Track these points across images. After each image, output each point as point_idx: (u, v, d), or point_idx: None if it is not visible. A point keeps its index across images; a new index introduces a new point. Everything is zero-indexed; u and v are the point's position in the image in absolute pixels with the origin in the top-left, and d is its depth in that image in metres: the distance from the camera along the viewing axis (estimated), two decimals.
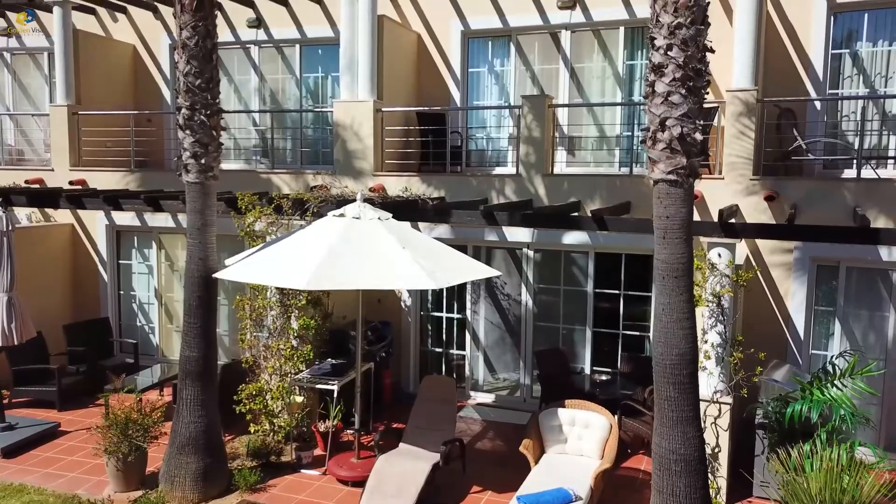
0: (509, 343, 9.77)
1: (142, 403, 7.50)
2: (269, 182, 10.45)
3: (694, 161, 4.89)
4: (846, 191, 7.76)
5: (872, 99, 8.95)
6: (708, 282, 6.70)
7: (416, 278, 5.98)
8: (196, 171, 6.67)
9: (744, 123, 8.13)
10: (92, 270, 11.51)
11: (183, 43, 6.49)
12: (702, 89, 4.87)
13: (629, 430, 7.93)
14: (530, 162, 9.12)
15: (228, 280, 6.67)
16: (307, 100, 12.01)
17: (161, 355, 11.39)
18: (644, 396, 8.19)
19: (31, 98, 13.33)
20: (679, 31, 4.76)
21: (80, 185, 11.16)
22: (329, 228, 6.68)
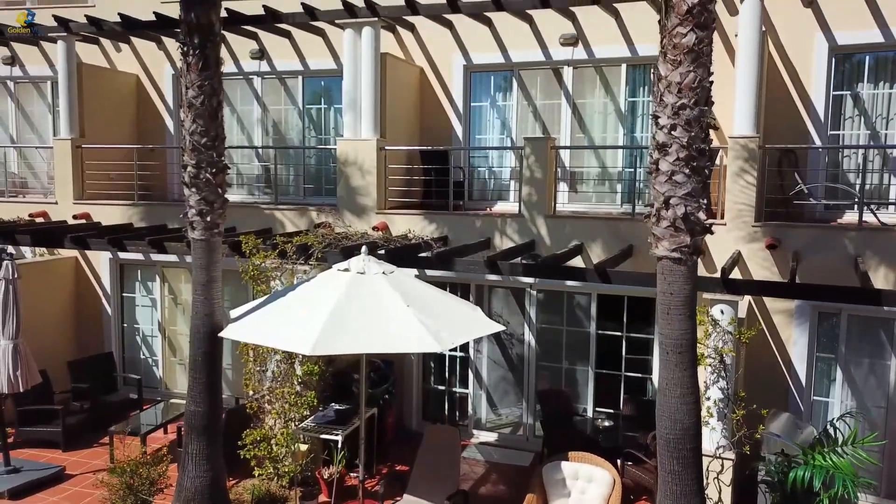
0: (512, 382, 9.82)
1: (147, 455, 7.53)
2: (272, 217, 10.49)
3: (698, 239, 4.93)
4: (847, 239, 7.80)
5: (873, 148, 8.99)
6: (710, 338, 6.75)
7: (421, 341, 6.01)
8: (202, 228, 6.71)
9: (745, 170, 8.17)
10: (95, 303, 11.55)
11: (189, 102, 6.53)
12: (705, 168, 4.91)
13: (632, 478, 7.97)
14: (532, 202, 9.16)
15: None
16: (310, 130, 12.06)
17: (164, 388, 11.44)
18: (647, 442, 8.22)
19: (35, 126, 13.38)
20: (683, 112, 4.80)
21: (84, 219, 11.22)
22: (334, 284, 6.71)
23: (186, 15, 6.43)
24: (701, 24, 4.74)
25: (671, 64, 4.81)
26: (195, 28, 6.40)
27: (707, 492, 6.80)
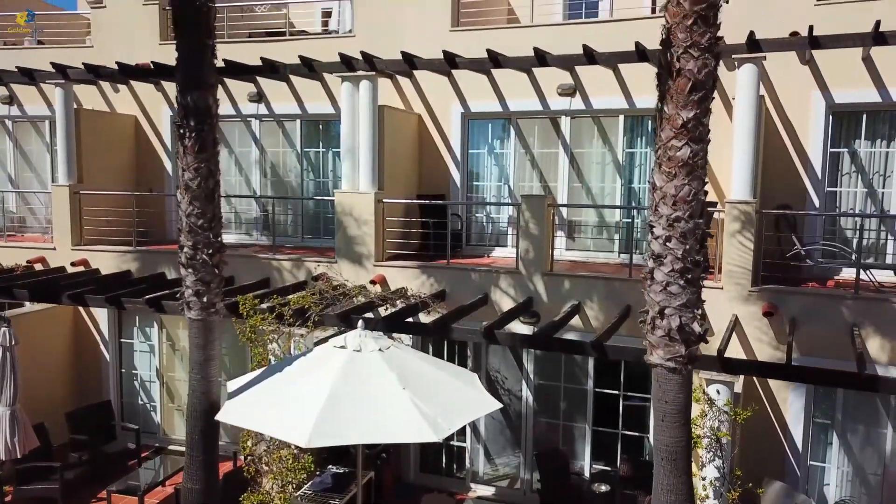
0: (509, 437, 9.83)
1: None
2: (269, 266, 10.49)
3: (693, 349, 4.94)
4: (844, 307, 7.81)
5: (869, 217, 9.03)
6: (706, 418, 6.76)
7: (419, 431, 6.01)
8: (198, 308, 6.72)
9: (742, 233, 8.17)
10: (94, 348, 11.57)
11: (185, 184, 6.53)
12: (699, 280, 4.92)
13: None
14: (529, 259, 9.15)
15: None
16: (308, 172, 12.07)
17: (163, 434, 11.46)
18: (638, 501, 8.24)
19: (33, 166, 13.39)
20: (678, 224, 4.80)
21: (82, 266, 11.22)
22: (330, 363, 6.71)
23: (183, 98, 6.42)
24: (696, 137, 4.74)
25: (666, 176, 4.81)
26: (192, 111, 6.39)
27: None
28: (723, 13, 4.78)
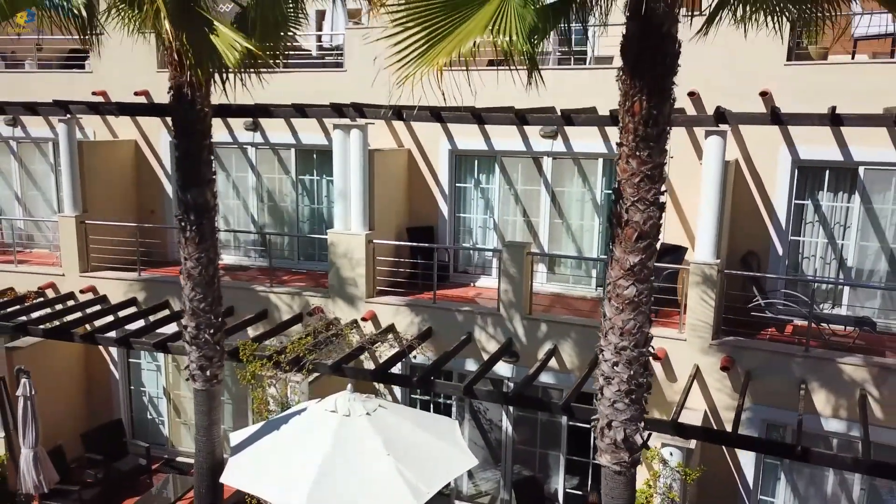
0: (491, 462, 10.66)
1: None
2: (267, 300, 11.13)
3: (637, 456, 5.65)
4: (794, 365, 8.51)
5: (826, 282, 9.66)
6: (660, 479, 7.55)
7: (402, 498, 6.82)
8: (202, 380, 7.43)
9: (705, 291, 8.81)
10: (104, 368, 12.33)
11: (188, 273, 7.15)
12: (643, 398, 5.59)
13: None
14: (510, 301, 9.81)
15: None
16: (303, 197, 12.60)
17: (171, 446, 12.31)
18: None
19: (38, 184, 13.90)
20: (624, 352, 5.45)
21: (91, 292, 11.87)
22: (322, 429, 7.47)
23: (183, 194, 6.99)
24: (641, 279, 5.35)
25: (615, 309, 5.44)
26: (192, 207, 6.97)
27: None
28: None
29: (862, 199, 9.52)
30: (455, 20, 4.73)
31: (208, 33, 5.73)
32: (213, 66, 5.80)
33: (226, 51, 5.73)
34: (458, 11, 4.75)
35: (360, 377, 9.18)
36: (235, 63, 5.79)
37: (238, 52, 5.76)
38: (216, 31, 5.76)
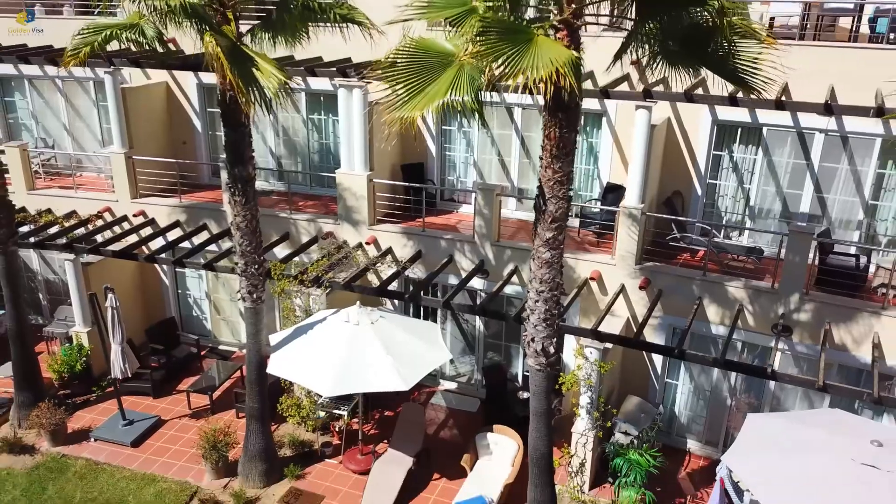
0: (467, 351, 13.69)
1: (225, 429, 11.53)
2: (288, 222, 13.71)
3: (552, 359, 8.46)
4: (694, 286, 11.24)
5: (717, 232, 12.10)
6: (583, 369, 10.48)
7: (396, 384, 9.79)
8: (250, 301, 10.19)
9: (632, 229, 11.38)
10: (156, 275, 15.12)
11: (237, 225, 9.71)
12: (556, 322, 8.32)
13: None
14: (483, 232, 12.41)
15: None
16: (312, 133, 14.88)
17: (213, 337, 15.33)
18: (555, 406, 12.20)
19: (83, 117, 16.09)
20: (542, 294, 8.12)
21: (142, 216, 14.44)
22: (338, 332, 10.35)
23: (231, 169, 9.41)
24: (554, 246, 7.91)
25: (537, 267, 8.05)
26: (238, 179, 9.42)
27: (579, 457, 10.90)
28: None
29: (764, 152, 11.87)
30: (426, 81, 7.00)
31: (252, 67, 7.93)
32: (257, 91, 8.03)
33: (266, 81, 7.96)
34: (427, 75, 7.01)
35: (366, 293, 11.95)
36: (274, 90, 8.03)
37: (276, 81, 7.98)
38: (258, 66, 7.97)
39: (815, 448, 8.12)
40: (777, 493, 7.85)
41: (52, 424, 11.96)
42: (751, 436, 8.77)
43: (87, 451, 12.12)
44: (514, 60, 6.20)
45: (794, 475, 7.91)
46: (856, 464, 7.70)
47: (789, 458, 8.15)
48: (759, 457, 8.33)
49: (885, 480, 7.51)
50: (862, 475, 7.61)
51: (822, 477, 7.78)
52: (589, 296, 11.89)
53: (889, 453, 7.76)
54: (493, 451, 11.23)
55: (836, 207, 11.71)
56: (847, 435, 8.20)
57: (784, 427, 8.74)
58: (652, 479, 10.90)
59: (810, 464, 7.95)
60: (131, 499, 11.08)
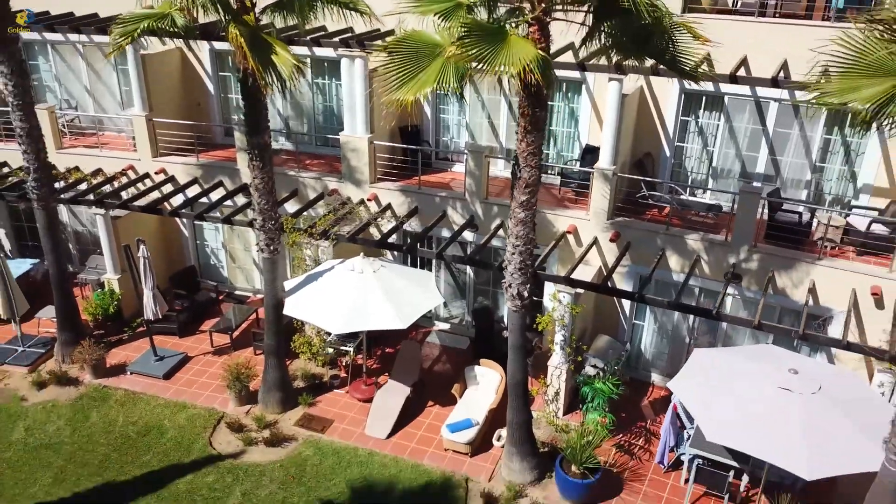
0: (459, 296, 15.27)
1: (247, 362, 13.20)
2: (296, 181, 15.10)
3: (526, 301, 9.99)
4: (658, 239, 12.72)
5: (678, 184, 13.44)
6: (557, 311, 12.05)
7: (394, 323, 11.38)
8: (268, 252, 11.69)
9: (604, 187, 12.78)
10: (176, 227, 16.58)
11: (256, 186, 11.13)
12: (529, 269, 9.82)
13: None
14: (473, 190, 13.82)
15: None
16: (317, 96, 16.12)
17: (230, 283, 16.90)
18: (534, 344, 13.84)
19: (103, 80, 17.28)
20: (517, 248, 9.60)
21: (162, 173, 15.81)
22: (345, 279, 11.90)
23: (250, 139, 10.77)
24: (528, 207, 9.35)
25: (513, 227, 9.51)
26: (257, 146, 10.78)
27: (554, 386, 12.58)
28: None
29: (725, 119, 13.19)
30: (416, 69, 8.31)
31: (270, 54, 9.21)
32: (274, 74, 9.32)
33: (282, 65, 9.24)
34: (417, 63, 8.32)
35: (368, 245, 13.44)
36: (289, 73, 9.33)
37: (290, 65, 9.27)
38: (274, 51, 9.25)
39: (744, 376, 9.76)
40: (711, 414, 9.51)
41: (94, 359, 13.62)
42: (694, 366, 10.40)
43: (124, 382, 13.81)
44: (490, 59, 7.52)
45: (726, 399, 9.56)
46: (775, 388, 9.34)
47: (723, 383, 9.79)
48: (698, 383, 9.98)
49: (797, 400, 9.16)
50: (779, 397, 9.25)
51: (749, 399, 9.43)
52: (566, 247, 13.38)
53: (801, 379, 9.40)
54: (480, 381, 12.91)
55: (787, 169, 13.10)
56: (771, 364, 9.82)
57: (722, 359, 10.37)
58: (618, 406, 12.64)
59: (739, 389, 9.60)
60: (167, 422, 12.82)
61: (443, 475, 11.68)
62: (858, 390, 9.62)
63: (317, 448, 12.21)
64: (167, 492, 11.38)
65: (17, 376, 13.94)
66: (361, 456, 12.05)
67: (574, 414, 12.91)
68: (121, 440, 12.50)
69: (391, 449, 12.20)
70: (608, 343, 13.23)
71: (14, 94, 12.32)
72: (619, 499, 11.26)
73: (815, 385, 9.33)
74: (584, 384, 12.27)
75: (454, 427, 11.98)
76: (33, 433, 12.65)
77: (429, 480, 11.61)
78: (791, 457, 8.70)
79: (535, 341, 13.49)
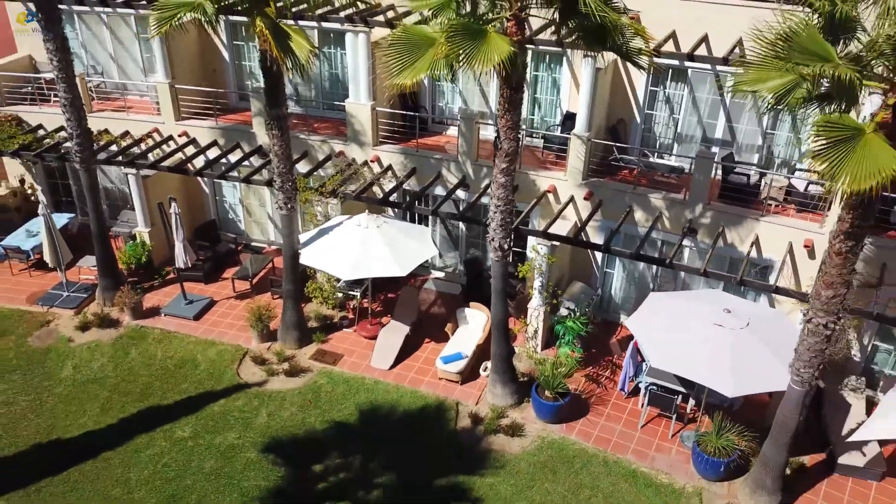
0: (452, 247, 17.14)
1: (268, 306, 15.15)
2: (306, 143, 16.77)
3: (507, 252, 11.85)
4: (626, 197, 14.49)
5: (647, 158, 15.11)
6: (535, 260, 13.92)
7: (394, 269, 13.29)
8: (286, 209, 13.48)
9: (580, 151, 14.49)
10: (198, 186, 18.32)
11: (275, 152, 12.84)
12: (510, 227, 11.64)
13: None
14: (465, 151, 15.54)
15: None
16: (323, 63, 17.63)
17: (246, 236, 18.74)
18: (517, 290, 15.74)
19: (126, 48, 18.75)
20: (499, 208, 11.40)
21: (185, 136, 17.47)
22: (353, 233, 13.75)
23: (269, 111, 12.44)
24: (508, 173, 11.12)
25: (495, 189, 11.28)
26: (275, 118, 12.45)
27: (533, 325, 14.55)
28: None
29: (689, 89, 14.80)
30: (413, 58, 9.94)
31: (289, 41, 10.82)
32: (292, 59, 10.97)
33: (298, 49, 10.88)
34: (413, 54, 9.94)
35: (371, 203, 15.23)
36: (305, 58, 10.95)
37: (306, 51, 10.89)
38: (292, 39, 10.86)
39: (687, 315, 11.69)
40: (658, 346, 11.47)
41: (133, 303, 15.58)
42: (648, 307, 12.33)
43: (159, 323, 15.79)
44: (471, 55, 9.17)
45: (670, 334, 11.51)
46: (710, 324, 11.27)
47: (669, 321, 11.73)
48: (649, 321, 11.92)
49: (727, 334, 11.11)
50: (712, 331, 11.19)
51: (688, 333, 11.38)
52: (547, 204, 15.16)
53: (734, 317, 11.33)
54: (469, 321, 14.89)
55: (742, 135, 14.77)
56: (711, 305, 11.74)
57: (671, 302, 12.30)
58: (589, 343, 14.65)
59: (682, 325, 11.54)
60: (199, 356, 14.85)
61: (437, 399, 13.74)
62: (780, 325, 11.54)
63: (329, 378, 14.26)
64: (204, 413, 13.46)
65: (65, 318, 15.90)
66: (368, 384, 14.11)
67: (551, 349, 14.91)
68: (160, 371, 14.53)
69: (393, 378, 14.25)
70: (581, 288, 15.15)
71: (59, 69, 13.90)
72: (584, 419, 13.33)
73: (744, 322, 11.26)
74: (558, 323, 14.24)
75: (447, 359, 14.00)
76: (80, 370, 14.63)
77: (425, 404, 13.68)
78: (718, 379, 10.69)
79: (518, 287, 15.41)
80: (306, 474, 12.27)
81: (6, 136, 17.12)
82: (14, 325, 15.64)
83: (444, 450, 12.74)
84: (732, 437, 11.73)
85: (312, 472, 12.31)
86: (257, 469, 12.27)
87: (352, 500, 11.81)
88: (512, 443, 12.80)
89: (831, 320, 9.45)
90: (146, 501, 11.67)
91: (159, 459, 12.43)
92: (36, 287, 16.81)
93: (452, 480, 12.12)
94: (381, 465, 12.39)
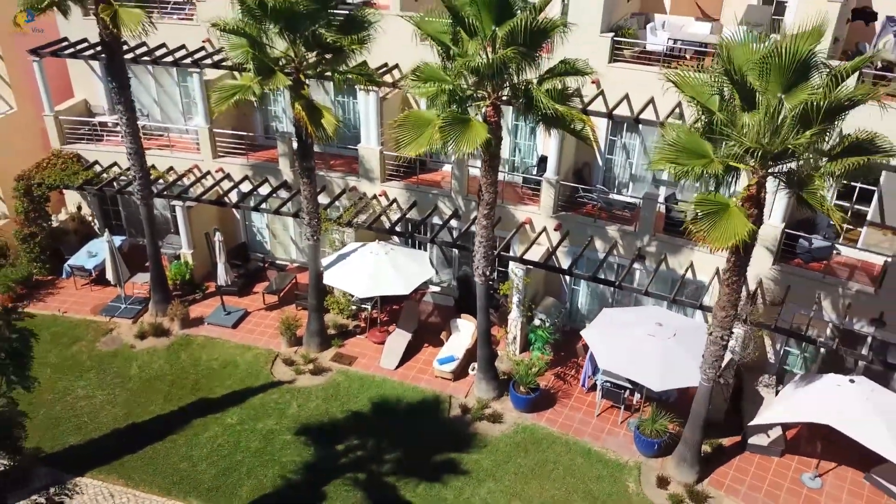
0: (447, 266, 20.40)
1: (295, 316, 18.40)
2: (324, 178, 19.98)
3: (490, 278, 15.10)
4: (588, 228, 17.75)
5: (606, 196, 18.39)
6: (514, 280, 17.18)
7: (400, 288, 16.56)
8: (312, 239, 16.74)
9: (549, 192, 17.71)
10: (230, 213, 21.52)
11: (305, 195, 16.08)
12: (493, 254, 14.90)
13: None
14: (457, 189, 18.78)
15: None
16: (338, 109, 20.84)
17: (272, 255, 21.96)
18: (501, 303, 18.99)
19: (168, 94, 21.90)
20: (482, 243, 14.67)
21: (221, 171, 20.68)
22: (365, 258, 17.02)
23: (301, 163, 15.68)
24: (489, 217, 14.38)
25: (479, 229, 14.53)
26: (305, 169, 15.70)
27: (512, 333, 17.81)
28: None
29: (641, 138, 18.07)
30: (415, 135, 13.16)
31: (320, 118, 14.06)
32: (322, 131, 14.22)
33: (327, 125, 14.12)
34: (416, 131, 13.17)
35: (381, 231, 18.47)
36: (333, 131, 14.19)
37: (333, 124, 14.14)
38: (324, 117, 14.11)
39: (628, 326, 14.98)
40: (605, 350, 14.75)
41: (182, 314, 18.81)
42: (600, 320, 15.62)
43: (203, 331, 19.03)
44: (458, 140, 12.41)
45: (614, 341, 14.79)
46: (645, 334, 14.57)
47: (615, 331, 15.02)
48: (600, 331, 15.20)
49: (657, 342, 14.40)
50: (646, 339, 14.49)
51: (627, 340, 14.66)
52: (524, 233, 18.41)
53: (664, 328, 14.64)
54: (461, 329, 18.18)
55: None
56: (647, 319, 15.03)
57: (618, 315, 15.59)
58: (559, 348, 17.93)
59: (623, 334, 14.83)
60: (238, 358, 18.09)
61: (434, 393, 17.01)
62: (700, 335, 14.82)
63: (346, 376, 17.52)
64: (247, 404, 16.71)
65: (125, 327, 19.12)
66: (378, 381, 17.37)
67: (527, 353, 18.18)
68: (207, 371, 17.77)
69: (398, 376, 17.51)
70: (552, 303, 18.45)
71: (126, 125, 17.12)
72: (552, 409, 16.61)
73: (671, 332, 14.56)
74: (531, 332, 17.53)
75: (442, 361, 17.27)
76: (144, 370, 17.84)
77: (424, 397, 16.94)
78: (648, 376, 13.98)
79: (501, 301, 18.68)
80: (331, 452, 15.53)
81: (71, 173, 20.34)
82: (83, 332, 18.87)
83: (439, 433, 16.01)
84: (665, 422, 15.02)
85: (335, 450, 15.59)
86: (292, 448, 15.54)
87: (367, 472, 15.07)
88: (493, 428, 16.08)
89: (725, 333, 12.73)
90: (207, 472, 14.93)
91: (214, 440, 15.69)
92: (97, 300, 20.02)
93: (446, 457, 15.39)
94: (389, 445, 15.66)
